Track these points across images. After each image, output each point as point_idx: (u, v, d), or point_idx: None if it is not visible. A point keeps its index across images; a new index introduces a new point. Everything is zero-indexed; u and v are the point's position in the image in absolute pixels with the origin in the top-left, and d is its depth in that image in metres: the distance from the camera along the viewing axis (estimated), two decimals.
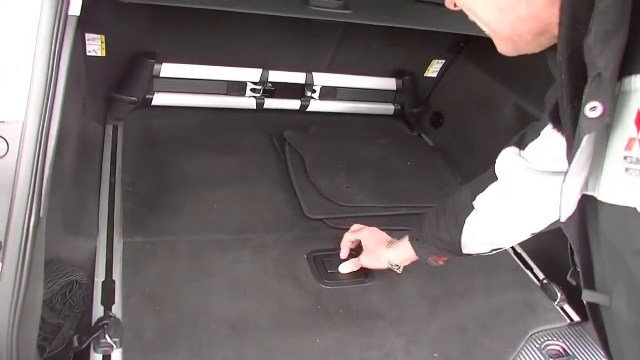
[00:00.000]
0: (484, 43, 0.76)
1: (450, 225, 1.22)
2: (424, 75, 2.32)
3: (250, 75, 2.05)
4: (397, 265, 1.43)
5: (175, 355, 1.19)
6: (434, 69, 2.31)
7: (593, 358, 1.41)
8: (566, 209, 0.65)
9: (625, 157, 0.54)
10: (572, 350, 1.43)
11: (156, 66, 1.91)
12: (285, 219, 1.68)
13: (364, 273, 1.51)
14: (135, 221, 1.52)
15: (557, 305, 1.57)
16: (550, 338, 1.45)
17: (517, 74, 1.89)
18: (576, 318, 1.56)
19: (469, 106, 2.20)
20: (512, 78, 1.95)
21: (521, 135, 1.09)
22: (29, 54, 0.81)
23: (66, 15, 0.82)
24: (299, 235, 1.61)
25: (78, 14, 0.84)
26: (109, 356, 1.17)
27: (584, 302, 0.73)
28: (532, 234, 1.15)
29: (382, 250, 1.42)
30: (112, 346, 1.17)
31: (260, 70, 2.04)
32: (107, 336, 1.17)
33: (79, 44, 1.73)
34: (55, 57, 0.83)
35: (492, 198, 1.14)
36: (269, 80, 2.07)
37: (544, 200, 1.06)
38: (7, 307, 0.81)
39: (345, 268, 1.51)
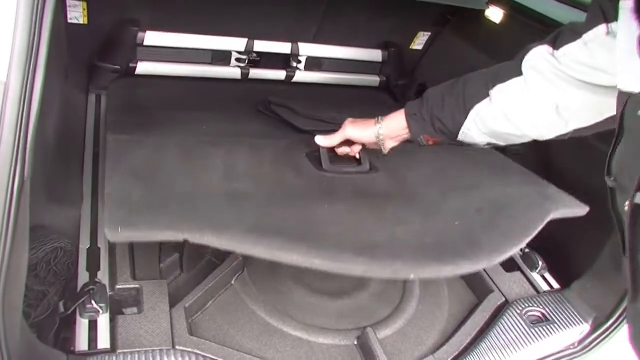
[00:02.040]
0: (470, 15, 0.77)
1: (456, 107, 1.15)
2: (410, 47, 2.31)
3: (235, 44, 2.02)
4: (382, 139, 1.28)
5: (166, 214, 1.06)
6: (419, 41, 2.30)
7: (572, 322, 1.45)
8: None
9: None
10: (552, 315, 1.46)
11: (140, 34, 1.87)
12: (280, 132, 1.63)
13: (355, 159, 1.40)
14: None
15: (537, 273, 1.61)
16: (530, 305, 1.48)
17: (502, 47, 1.89)
18: (556, 285, 1.59)
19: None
20: (498, 51, 1.95)
21: (556, 34, 1.03)
22: (10, 16, 0.80)
23: None
24: (296, 140, 1.53)
25: None
26: (95, 321, 1.18)
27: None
28: (539, 138, 1.13)
29: (370, 122, 1.29)
30: (98, 311, 1.18)
31: (245, 40, 2.01)
32: (92, 301, 1.18)
33: (60, 10, 1.69)
34: (37, 19, 0.81)
35: (512, 92, 1.09)
36: (254, 50, 2.04)
37: (566, 110, 1.02)
38: None
39: (322, 140, 1.36)
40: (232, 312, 1.38)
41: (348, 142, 1.35)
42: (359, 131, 1.31)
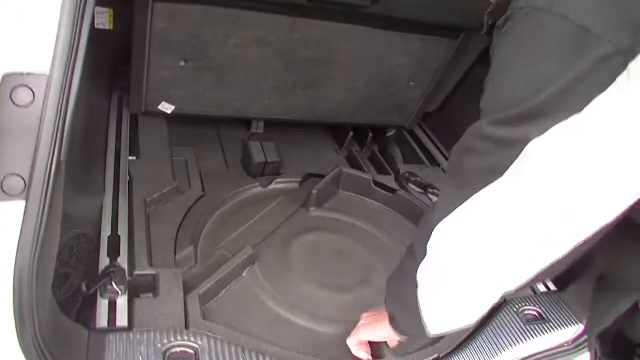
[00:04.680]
0: None
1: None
2: None
3: None
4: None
5: None
6: None
7: (567, 322, 1.51)
8: None
9: None
10: (547, 314, 1.52)
11: None
12: None
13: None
14: None
15: None
16: (527, 303, 1.54)
17: None
18: (552, 287, 1.65)
19: None
20: None
21: None
22: (54, 17, 0.89)
23: None
24: None
25: None
26: (114, 302, 1.26)
27: None
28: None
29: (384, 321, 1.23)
30: (118, 292, 1.26)
31: None
32: (113, 283, 1.26)
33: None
34: (79, 16, 0.91)
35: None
36: None
37: None
38: (31, 239, 0.89)
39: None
40: (243, 302, 1.47)
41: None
42: (371, 333, 1.29)
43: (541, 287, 1.64)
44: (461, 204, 0.87)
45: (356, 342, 1.32)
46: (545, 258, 0.84)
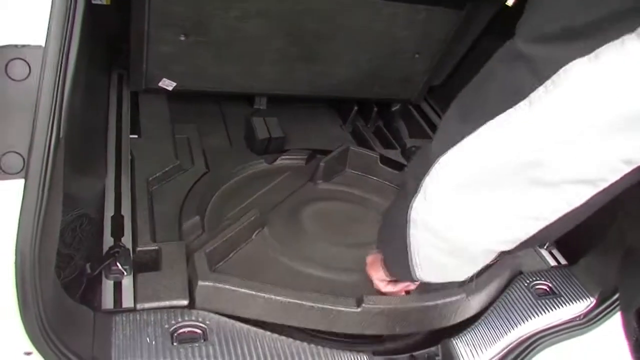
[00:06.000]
0: None
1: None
2: None
3: None
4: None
5: None
6: None
7: (577, 296, 1.49)
8: None
9: None
10: (558, 289, 1.51)
11: None
12: None
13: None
14: None
15: (546, 249, 1.65)
16: (538, 278, 1.53)
17: None
18: (563, 261, 1.63)
19: None
20: None
21: None
22: None
23: None
24: None
25: None
26: (120, 283, 1.24)
27: None
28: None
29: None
30: (123, 273, 1.24)
31: None
32: (117, 263, 1.24)
33: None
34: None
35: None
36: None
37: None
38: (31, 219, 0.87)
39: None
40: (255, 263, 1.43)
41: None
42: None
43: (552, 262, 1.62)
44: (472, 132, 0.75)
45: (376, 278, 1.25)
46: (555, 206, 0.74)
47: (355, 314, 1.27)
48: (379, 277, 1.23)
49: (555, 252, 1.66)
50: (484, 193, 0.77)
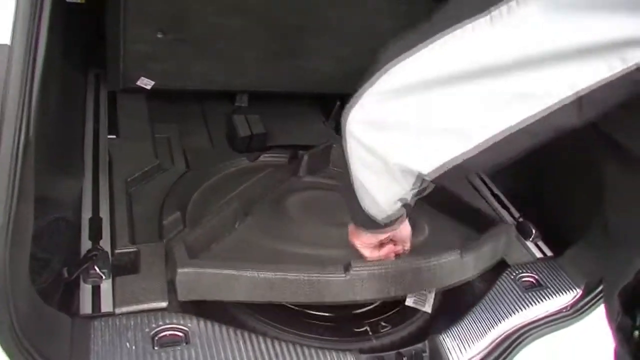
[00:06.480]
0: None
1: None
2: None
3: None
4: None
5: None
6: None
7: (564, 288, 1.48)
8: None
9: None
10: (545, 281, 1.50)
11: None
12: None
13: None
14: None
15: (531, 241, 1.64)
16: (524, 271, 1.52)
17: None
18: (549, 253, 1.63)
19: None
20: None
21: None
22: None
23: None
24: None
25: None
26: (99, 287, 1.21)
27: None
28: None
29: None
30: (101, 277, 1.21)
31: None
32: (96, 267, 1.21)
33: None
34: None
35: None
36: None
37: None
38: (0, 223, 0.83)
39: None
40: (239, 251, 1.39)
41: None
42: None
43: (538, 254, 1.62)
44: (428, 43, 0.72)
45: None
46: (485, 122, 0.71)
47: (344, 282, 1.24)
48: (362, 242, 1.16)
49: (540, 243, 1.65)
50: (418, 99, 0.74)
